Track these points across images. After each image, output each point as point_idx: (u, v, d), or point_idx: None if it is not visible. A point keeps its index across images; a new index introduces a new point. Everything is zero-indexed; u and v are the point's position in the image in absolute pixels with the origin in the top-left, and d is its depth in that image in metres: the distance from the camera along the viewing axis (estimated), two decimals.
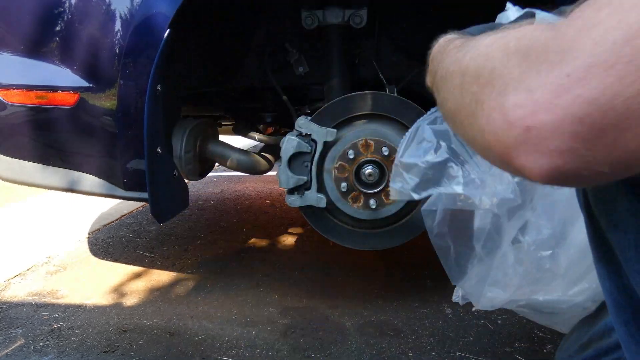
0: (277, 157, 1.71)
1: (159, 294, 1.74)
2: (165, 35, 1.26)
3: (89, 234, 2.39)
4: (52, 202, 2.98)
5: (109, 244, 2.25)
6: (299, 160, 1.48)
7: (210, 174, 1.94)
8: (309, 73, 1.75)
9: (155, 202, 1.38)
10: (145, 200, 1.41)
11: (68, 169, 1.48)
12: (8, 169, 1.53)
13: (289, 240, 2.25)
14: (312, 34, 1.60)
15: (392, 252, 1.91)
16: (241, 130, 2.08)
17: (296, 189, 1.49)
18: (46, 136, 1.46)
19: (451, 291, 1.10)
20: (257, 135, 2.09)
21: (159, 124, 1.35)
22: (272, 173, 1.88)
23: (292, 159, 1.47)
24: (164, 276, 1.88)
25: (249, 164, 1.71)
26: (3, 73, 1.44)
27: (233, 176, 3.48)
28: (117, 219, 2.59)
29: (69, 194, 1.60)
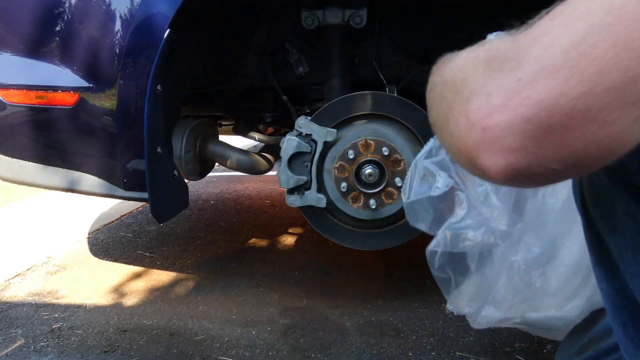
0: (277, 157, 1.71)
1: (159, 294, 1.74)
2: (165, 35, 1.26)
3: (89, 234, 2.39)
4: (52, 202, 2.98)
5: (109, 244, 2.25)
6: (299, 160, 1.48)
7: (210, 174, 1.94)
8: (309, 73, 1.75)
9: (155, 202, 1.38)
10: (145, 200, 1.41)
11: (68, 169, 1.48)
12: (8, 169, 1.53)
13: (289, 240, 2.25)
14: (312, 34, 1.60)
15: (392, 252, 1.90)
16: (241, 130, 2.08)
17: (296, 189, 1.50)
18: (46, 136, 1.46)
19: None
20: (257, 135, 2.09)
21: (159, 124, 1.35)
22: (272, 173, 1.88)
23: (292, 159, 1.47)
24: (164, 276, 1.88)
25: (249, 164, 1.71)
26: (3, 73, 1.44)
27: (233, 176, 3.48)
28: (117, 219, 2.59)
29: (69, 194, 1.60)
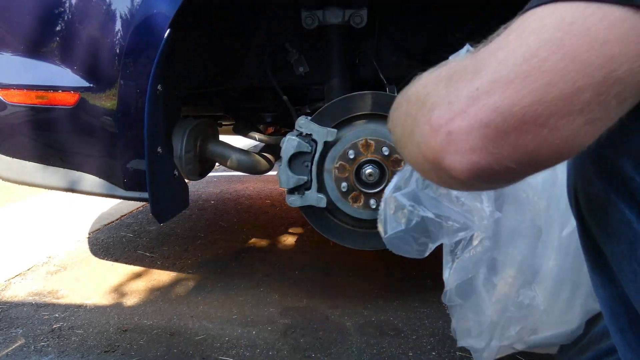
0: (278, 157, 1.71)
1: (159, 293, 1.75)
2: (166, 35, 1.26)
3: (89, 234, 2.39)
4: (52, 202, 2.98)
5: (109, 244, 2.25)
6: (299, 160, 1.48)
7: (210, 174, 1.94)
8: (309, 73, 1.75)
9: (155, 202, 1.38)
10: (145, 200, 1.41)
11: (68, 168, 1.48)
12: (8, 169, 1.53)
13: (289, 240, 2.25)
14: (312, 34, 1.60)
15: (392, 252, 1.90)
16: (241, 130, 2.08)
17: (296, 189, 1.50)
18: (46, 136, 1.46)
19: None
20: (257, 135, 2.09)
21: (159, 124, 1.35)
22: (272, 173, 1.88)
23: (293, 159, 1.47)
24: (164, 276, 1.88)
25: (249, 164, 1.71)
26: (3, 73, 1.44)
27: (233, 176, 3.48)
28: (117, 219, 2.59)
29: (69, 194, 1.60)
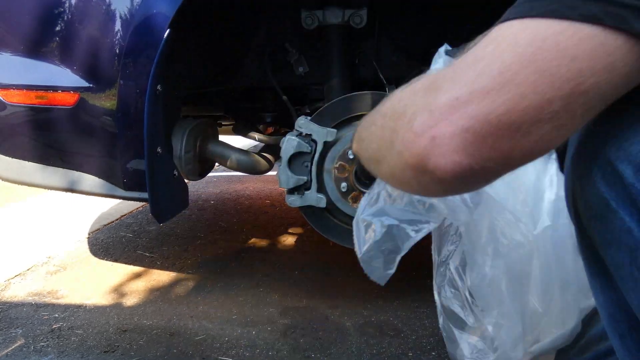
0: (277, 157, 1.71)
1: (159, 294, 1.75)
2: (166, 35, 1.26)
3: (89, 234, 2.39)
4: (52, 202, 2.98)
5: (109, 244, 2.25)
6: (299, 160, 1.48)
7: (210, 174, 1.94)
8: (309, 73, 1.75)
9: (155, 202, 1.38)
10: (145, 200, 1.41)
11: (68, 169, 1.48)
12: (8, 169, 1.53)
13: (289, 240, 2.25)
14: (312, 34, 1.60)
15: None
16: (241, 130, 2.08)
17: (296, 189, 1.50)
18: (46, 136, 1.46)
19: None
20: (257, 135, 2.09)
21: (159, 124, 1.35)
22: (272, 173, 1.88)
23: (292, 159, 1.47)
24: (164, 276, 1.88)
25: (249, 164, 1.71)
26: (3, 73, 1.44)
27: (233, 176, 3.48)
28: (117, 219, 2.59)
29: (69, 194, 1.60)
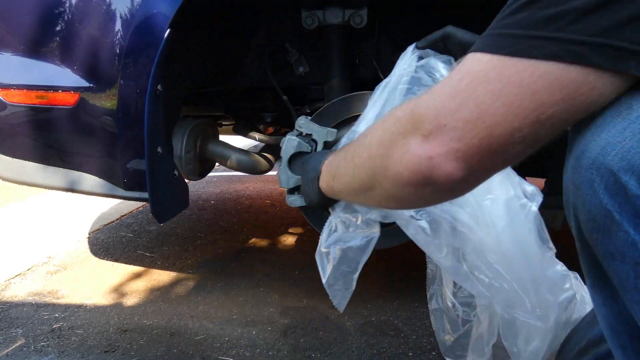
0: (278, 157, 1.71)
1: (159, 293, 1.75)
2: (166, 35, 1.26)
3: (89, 234, 2.39)
4: (52, 202, 2.98)
5: (109, 244, 2.25)
6: (299, 160, 1.48)
7: (210, 174, 1.93)
8: (309, 73, 1.74)
9: (155, 202, 1.38)
10: (145, 200, 1.41)
11: (68, 169, 1.48)
12: (8, 169, 1.52)
13: (289, 240, 2.25)
14: (312, 34, 1.60)
15: (392, 252, 1.91)
16: (241, 130, 2.07)
17: (296, 189, 1.49)
18: (46, 136, 1.46)
19: None
20: (257, 135, 2.09)
21: (159, 124, 1.35)
22: (272, 173, 1.88)
23: (293, 159, 1.47)
24: (164, 276, 1.89)
25: (249, 164, 1.71)
26: (3, 73, 1.44)
27: (233, 176, 3.48)
28: (117, 219, 2.59)
29: (69, 194, 1.60)
